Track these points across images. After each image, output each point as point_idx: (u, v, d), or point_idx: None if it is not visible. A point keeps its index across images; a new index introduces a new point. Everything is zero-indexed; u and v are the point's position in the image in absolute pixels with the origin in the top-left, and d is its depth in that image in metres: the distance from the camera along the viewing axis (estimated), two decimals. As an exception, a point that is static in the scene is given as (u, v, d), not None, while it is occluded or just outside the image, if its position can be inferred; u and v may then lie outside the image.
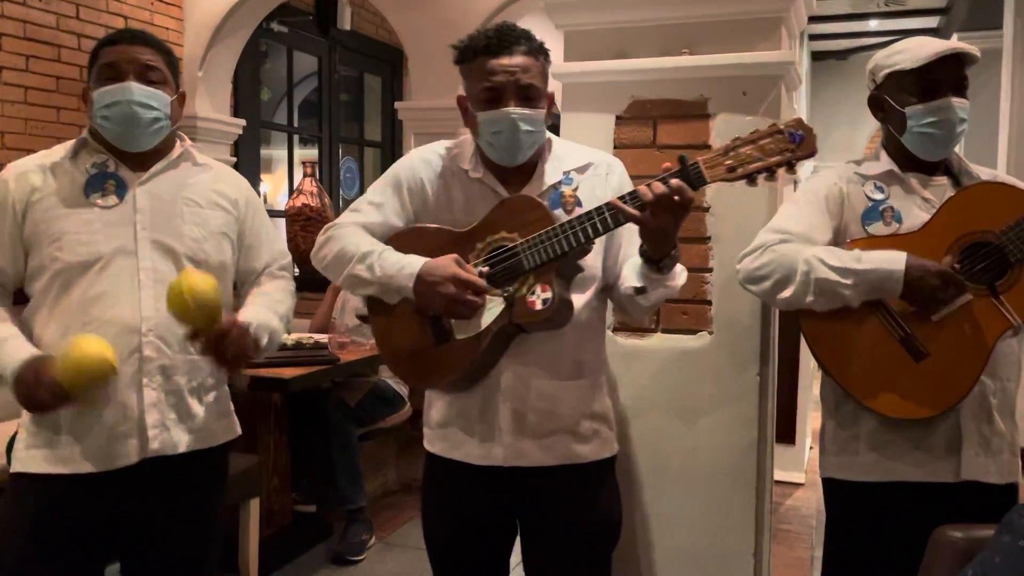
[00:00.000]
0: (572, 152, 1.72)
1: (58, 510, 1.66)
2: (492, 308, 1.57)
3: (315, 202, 4.44)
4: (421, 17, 4.45)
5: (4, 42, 3.83)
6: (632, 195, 1.50)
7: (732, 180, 1.49)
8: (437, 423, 1.73)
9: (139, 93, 1.67)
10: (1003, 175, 1.79)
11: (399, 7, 4.57)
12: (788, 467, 4.24)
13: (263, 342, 1.74)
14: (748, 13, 2.01)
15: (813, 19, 4.08)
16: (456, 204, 1.68)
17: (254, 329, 1.71)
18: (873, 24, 7.28)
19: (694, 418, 2.04)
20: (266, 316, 1.78)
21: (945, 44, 1.65)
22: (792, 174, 1.50)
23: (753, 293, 1.75)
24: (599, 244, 1.62)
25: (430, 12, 4.42)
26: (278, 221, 4.81)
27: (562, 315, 1.56)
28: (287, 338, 3.03)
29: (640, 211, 1.48)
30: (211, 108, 4.70)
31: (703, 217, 2.02)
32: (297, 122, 6.20)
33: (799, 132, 1.47)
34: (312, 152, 6.17)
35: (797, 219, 1.74)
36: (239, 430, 1.87)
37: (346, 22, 5.74)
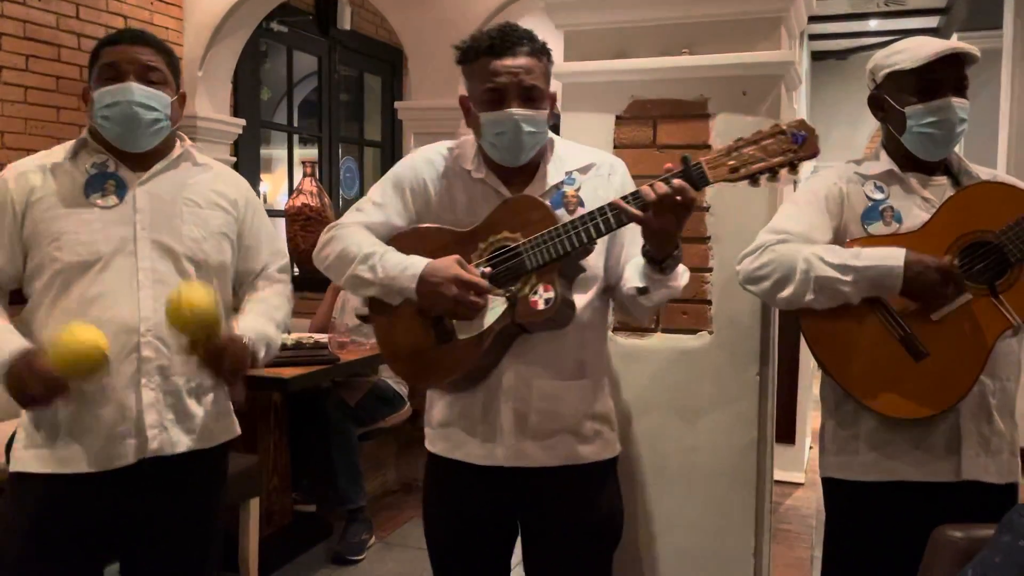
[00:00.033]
0: (574, 152, 1.72)
1: (57, 510, 1.66)
2: (494, 308, 1.57)
3: (315, 202, 4.43)
4: (421, 17, 4.45)
5: (4, 42, 3.83)
6: (635, 195, 1.50)
7: (735, 180, 1.49)
8: (438, 423, 1.73)
9: (139, 94, 1.67)
10: (1003, 175, 1.79)
11: (399, 7, 4.57)
12: (788, 467, 4.23)
13: (260, 354, 1.75)
14: (748, 13, 2.01)
15: (813, 19, 4.08)
16: (458, 204, 1.68)
17: (251, 342, 1.71)
18: (873, 24, 7.27)
19: (694, 418, 2.04)
20: (263, 326, 1.78)
21: (945, 44, 1.65)
22: (794, 175, 1.50)
23: (753, 293, 1.75)
24: (601, 244, 1.62)
25: (430, 12, 4.42)
26: (278, 221, 4.81)
27: (564, 315, 1.56)
28: (287, 338, 3.04)
29: (643, 211, 1.48)
30: (211, 108, 4.70)
31: (703, 217, 2.02)
32: (297, 122, 6.19)
33: (802, 133, 1.47)
34: (312, 152, 6.17)
35: (797, 219, 1.74)
36: (238, 430, 1.87)
37: (346, 22, 5.74)
